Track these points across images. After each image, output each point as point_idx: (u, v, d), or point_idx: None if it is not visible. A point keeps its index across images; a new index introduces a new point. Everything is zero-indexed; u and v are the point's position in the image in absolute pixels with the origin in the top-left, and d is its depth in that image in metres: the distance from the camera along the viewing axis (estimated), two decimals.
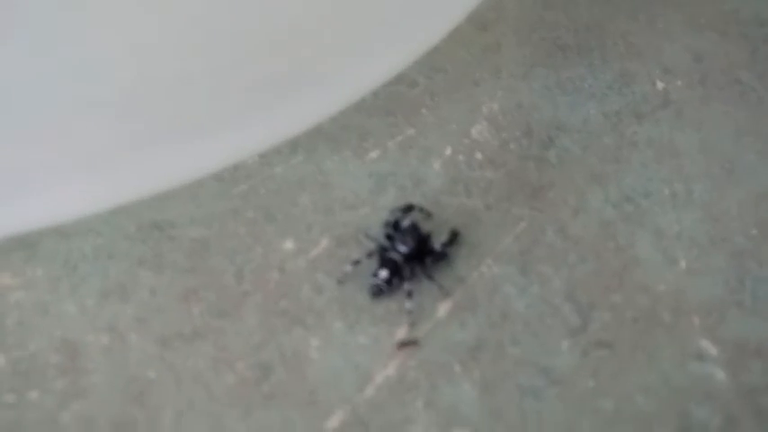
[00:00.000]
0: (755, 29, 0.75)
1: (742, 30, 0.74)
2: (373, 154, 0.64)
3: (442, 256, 0.57)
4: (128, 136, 0.55)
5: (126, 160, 0.57)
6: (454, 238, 0.58)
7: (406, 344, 0.54)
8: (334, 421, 0.51)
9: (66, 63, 0.50)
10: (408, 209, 0.59)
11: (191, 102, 0.56)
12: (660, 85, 0.69)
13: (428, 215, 0.60)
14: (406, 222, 0.58)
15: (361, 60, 0.64)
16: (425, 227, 0.58)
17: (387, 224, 0.58)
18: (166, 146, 0.58)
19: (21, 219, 0.57)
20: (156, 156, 0.58)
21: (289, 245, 0.59)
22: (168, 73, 0.54)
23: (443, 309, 0.55)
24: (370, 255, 0.57)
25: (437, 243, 0.57)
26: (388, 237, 0.58)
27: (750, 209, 0.61)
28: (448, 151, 0.64)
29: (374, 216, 0.60)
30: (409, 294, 0.55)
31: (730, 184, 0.62)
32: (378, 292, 0.55)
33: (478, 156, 0.64)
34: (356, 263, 0.57)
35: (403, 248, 0.57)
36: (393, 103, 0.68)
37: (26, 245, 0.58)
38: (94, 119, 0.53)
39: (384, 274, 0.56)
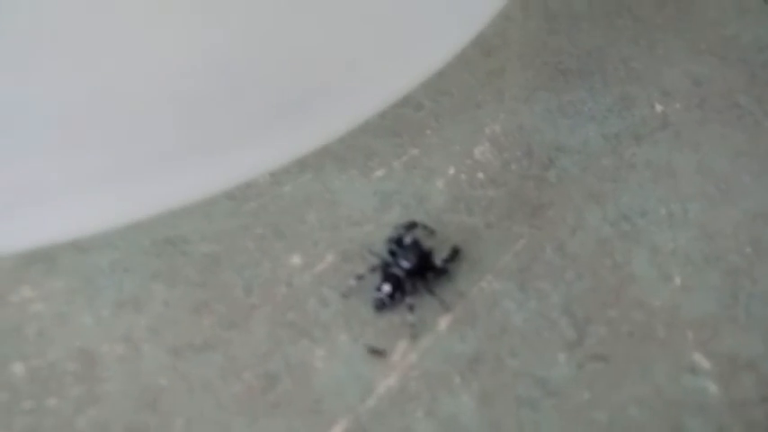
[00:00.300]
0: (755, 54, 0.76)
1: (741, 55, 0.76)
2: (379, 173, 0.66)
3: (442, 272, 0.59)
4: (143, 154, 0.58)
5: (141, 177, 0.59)
6: (455, 254, 0.60)
7: (374, 351, 0.56)
8: (337, 430, 0.52)
9: (83, 79, 0.53)
10: (411, 226, 0.61)
11: (205, 121, 0.58)
12: (659, 108, 0.71)
13: (431, 232, 0.62)
14: (408, 239, 0.60)
15: (369, 83, 0.66)
16: (427, 244, 0.60)
17: (390, 240, 0.60)
18: (180, 164, 0.60)
19: (40, 233, 0.60)
20: (171, 173, 0.60)
21: (296, 260, 0.61)
22: (184, 93, 0.57)
23: (444, 322, 0.57)
24: (373, 270, 0.59)
25: (438, 259, 0.59)
26: (392, 253, 0.60)
27: (744, 228, 0.63)
28: (451, 171, 0.66)
29: (379, 233, 0.62)
30: (411, 308, 0.57)
31: (725, 203, 0.64)
32: (381, 305, 0.57)
33: (480, 175, 0.66)
34: (360, 277, 0.59)
35: (405, 264, 0.59)
36: (399, 124, 0.70)
37: (45, 258, 0.61)
38: (111, 136, 0.56)
39: (387, 288, 0.58)
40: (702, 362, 0.55)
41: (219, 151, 0.61)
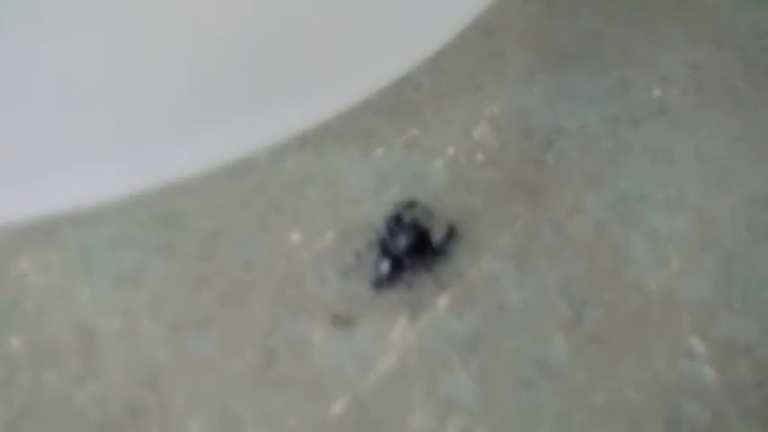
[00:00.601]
0: (752, 41, 0.77)
1: (739, 42, 0.77)
2: (378, 152, 0.66)
3: (440, 251, 0.59)
4: (142, 126, 0.57)
5: (140, 151, 0.59)
6: (451, 233, 0.60)
7: (338, 320, 0.56)
8: (337, 407, 0.53)
9: (81, 49, 0.52)
10: (410, 205, 0.61)
11: (203, 96, 0.58)
12: (657, 92, 0.71)
13: (429, 213, 0.62)
14: (407, 217, 0.60)
15: (369, 62, 0.66)
16: (426, 223, 0.60)
17: (389, 219, 0.60)
18: (179, 138, 0.60)
19: (38, 204, 0.59)
20: (170, 147, 0.60)
21: (296, 237, 0.61)
22: (182, 66, 0.56)
23: (443, 301, 0.57)
24: (371, 247, 0.59)
25: (436, 238, 0.59)
26: (390, 231, 0.60)
27: (741, 213, 0.63)
28: (450, 151, 0.66)
29: (378, 211, 0.62)
30: (409, 286, 0.57)
31: (722, 188, 0.64)
32: (379, 283, 0.58)
33: (479, 156, 0.66)
34: (359, 255, 0.59)
35: (404, 242, 0.59)
36: (398, 103, 0.70)
37: (43, 231, 0.60)
38: (111, 108, 0.55)
39: (385, 266, 0.58)
40: (699, 346, 0.56)
41: (219, 125, 0.61)
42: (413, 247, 0.59)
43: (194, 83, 0.57)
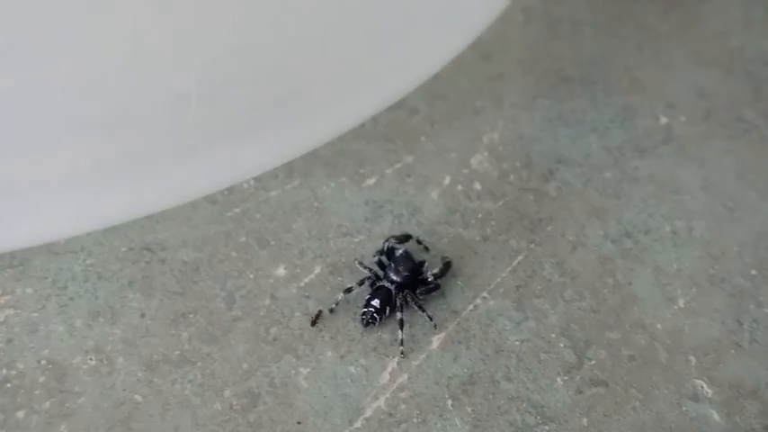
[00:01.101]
0: (760, 67, 0.74)
1: (747, 67, 0.74)
2: (370, 181, 0.64)
3: (434, 287, 0.56)
4: (121, 155, 0.55)
5: (119, 180, 0.56)
6: (446, 268, 0.57)
7: (316, 318, 0.54)
8: None
9: (59, 80, 0.50)
10: (405, 239, 0.58)
11: (186, 122, 0.55)
12: (663, 120, 0.69)
13: (425, 248, 0.59)
14: (399, 251, 0.57)
15: (362, 86, 0.64)
16: (420, 257, 0.58)
17: (380, 252, 0.57)
18: (160, 166, 0.57)
19: (11, 235, 0.57)
20: (150, 176, 0.57)
21: (281, 271, 0.58)
22: (163, 93, 0.54)
23: (436, 341, 0.54)
24: (362, 283, 0.56)
25: (430, 273, 0.56)
26: (381, 265, 0.57)
27: (750, 249, 0.60)
28: (446, 180, 0.64)
29: (369, 244, 0.60)
30: (401, 324, 0.54)
31: (731, 222, 0.62)
32: (370, 321, 0.54)
33: (477, 186, 0.63)
34: (348, 291, 0.56)
35: (395, 278, 0.56)
36: (392, 129, 0.67)
37: (16, 262, 0.57)
38: (88, 137, 0.53)
39: (376, 303, 0.55)
40: (705, 389, 0.53)
41: (202, 153, 0.58)
42: (405, 283, 0.56)
43: (175, 109, 0.54)
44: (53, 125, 0.50)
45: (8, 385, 0.52)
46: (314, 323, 0.55)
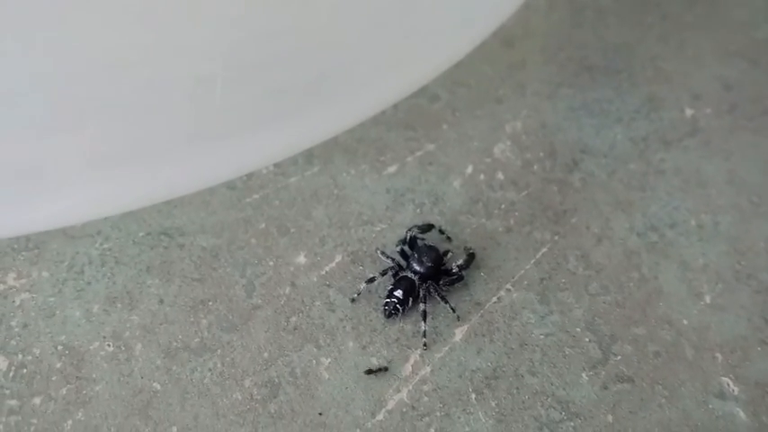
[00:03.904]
0: None
1: None
2: (391, 168, 0.63)
3: (458, 278, 0.55)
4: (142, 139, 0.54)
5: (138, 164, 0.55)
6: (470, 259, 0.56)
7: (376, 371, 0.52)
8: None
9: (80, 63, 0.49)
10: (428, 228, 0.57)
11: (206, 107, 0.54)
12: (689, 112, 0.68)
13: (448, 238, 0.58)
14: (422, 241, 0.56)
15: (383, 73, 0.63)
16: (443, 248, 0.57)
17: (402, 242, 0.57)
18: (180, 151, 0.56)
19: (27, 218, 0.56)
20: (169, 161, 0.56)
21: (301, 259, 0.57)
22: (184, 77, 0.53)
23: (460, 333, 0.53)
24: (384, 273, 0.55)
25: (453, 264, 0.55)
26: (403, 255, 0.56)
27: None
28: (469, 169, 0.63)
29: (390, 233, 0.59)
30: (424, 316, 0.53)
31: (757, 217, 0.61)
32: (392, 312, 0.54)
33: (500, 176, 0.62)
34: (371, 281, 0.55)
35: (419, 268, 0.55)
36: (413, 116, 0.66)
37: (32, 246, 0.57)
38: (110, 120, 0.51)
39: (399, 293, 0.54)
40: (731, 386, 0.52)
41: (221, 139, 0.57)
42: (429, 274, 0.55)
43: (196, 94, 0.53)
44: (76, 108, 0.49)
45: (24, 371, 0.51)
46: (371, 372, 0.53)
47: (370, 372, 0.52)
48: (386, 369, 0.52)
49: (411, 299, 0.54)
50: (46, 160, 0.51)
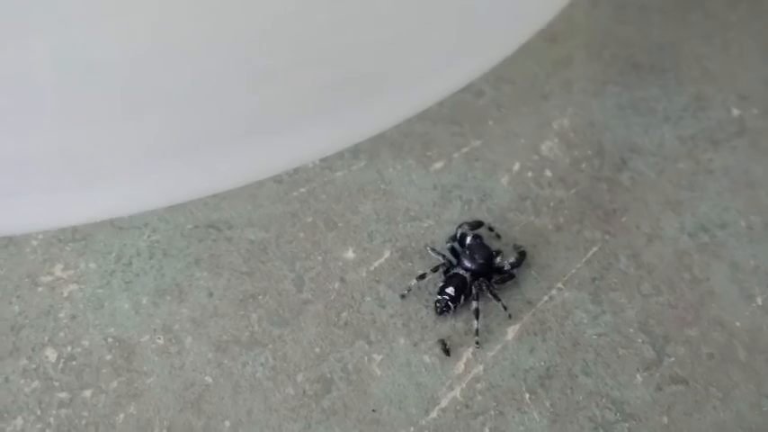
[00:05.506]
0: None
1: None
2: (438, 164, 0.62)
3: (510, 276, 0.55)
4: (196, 131, 0.53)
5: (191, 156, 0.55)
6: (522, 257, 0.56)
7: (444, 349, 0.52)
8: None
9: (140, 52, 0.48)
10: (477, 225, 0.57)
11: (254, 102, 0.54)
12: (736, 112, 0.67)
13: (497, 236, 0.58)
14: (472, 238, 0.56)
15: (432, 69, 0.62)
16: (493, 245, 0.56)
17: (452, 239, 0.56)
18: (230, 144, 0.56)
19: (74, 209, 0.55)
20: (219, 154, 0.56)
21: (350, 254, 0.57)
22: (243, 69, 0.52)
23: (512, 332, 0.53)
24: (435, 269, 0.55)
25: (505, 262, 0.55)
26: (453, 252, 0.56)
27: None
28: (516, 166, 0.62)
29: (438, 229, 0.58)
30: (477, 313, 0.52)
31: None
32: (444, 309, 0.53)
33: (548, 173, 0.62)
34: (421, 277, 0.54)
35: (471, 265, 0.54)
36: (458, 112, 0.66)
37: (79, 236, 0.56)
38: (165, 111, 0.51)
39: (451, 290, 0.53)
40: None
41: (268, 133, 0.57)
42: (480, 272, 0.54)
43: (245, 89, 0.52)
44: (135, 97, 0.49)
45: (74, 363, 0.51)
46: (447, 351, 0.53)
47: (444, 345, 0.52)
48: (448, 353, 0.52)
49: (463, 296, 0.54)
50: (102, 149, 0.51)
